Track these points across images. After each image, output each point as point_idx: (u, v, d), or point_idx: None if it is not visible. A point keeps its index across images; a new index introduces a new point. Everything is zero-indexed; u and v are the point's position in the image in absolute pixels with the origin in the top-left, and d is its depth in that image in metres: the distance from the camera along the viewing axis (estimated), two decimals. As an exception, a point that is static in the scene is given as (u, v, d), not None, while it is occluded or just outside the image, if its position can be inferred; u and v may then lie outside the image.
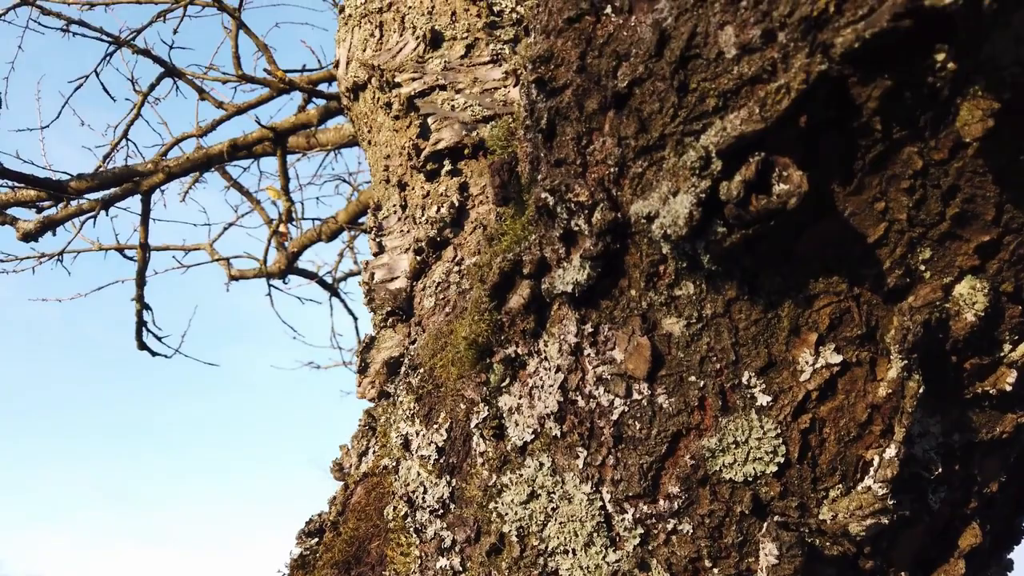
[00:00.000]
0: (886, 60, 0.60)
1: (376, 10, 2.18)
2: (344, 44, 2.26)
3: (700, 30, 0.67)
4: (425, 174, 1.89)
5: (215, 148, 3.35)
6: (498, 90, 1.98)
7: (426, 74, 1.99)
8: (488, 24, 2.02)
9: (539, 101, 0.80)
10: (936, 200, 0.66)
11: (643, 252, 0.78)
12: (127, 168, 3.84)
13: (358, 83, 2.13)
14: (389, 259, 1.88)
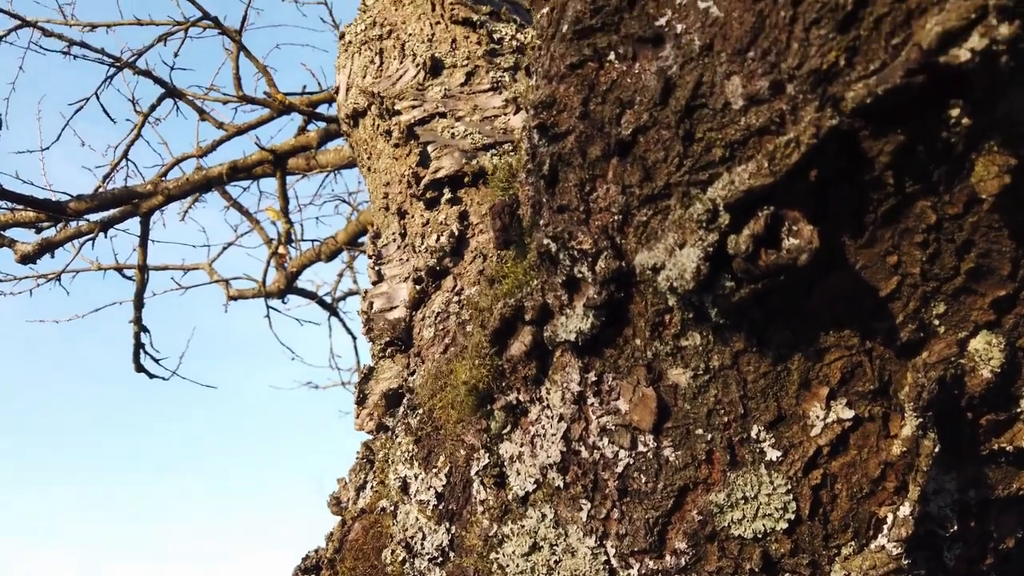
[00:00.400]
0: (899, 114, 0.58)
1: (376, 37, 2.17)
2: (344, 71, 2.25)
3: (706, 80, 0.66)
4: (425, 202, 1.87)
5: (214, 170, 3.33)
6: (498, 118, 1.97)
7: (426, 102, 1.98)
8: (488, 52, 2.02)
9: (541, 146, 0.78)
10: (950, 254, 0.64)
11: (648, 301, 0.76)
12: (126, 189, 3.83)
13: (358, 110, 2.12)
14: (388, 288, 1.86)
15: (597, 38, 0.72)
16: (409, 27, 2.12)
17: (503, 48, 2.04)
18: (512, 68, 2.02)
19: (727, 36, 0.64)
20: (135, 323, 3.35)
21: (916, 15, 0.55)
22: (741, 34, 0.63)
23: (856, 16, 0.57)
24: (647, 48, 0.69)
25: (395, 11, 2.18)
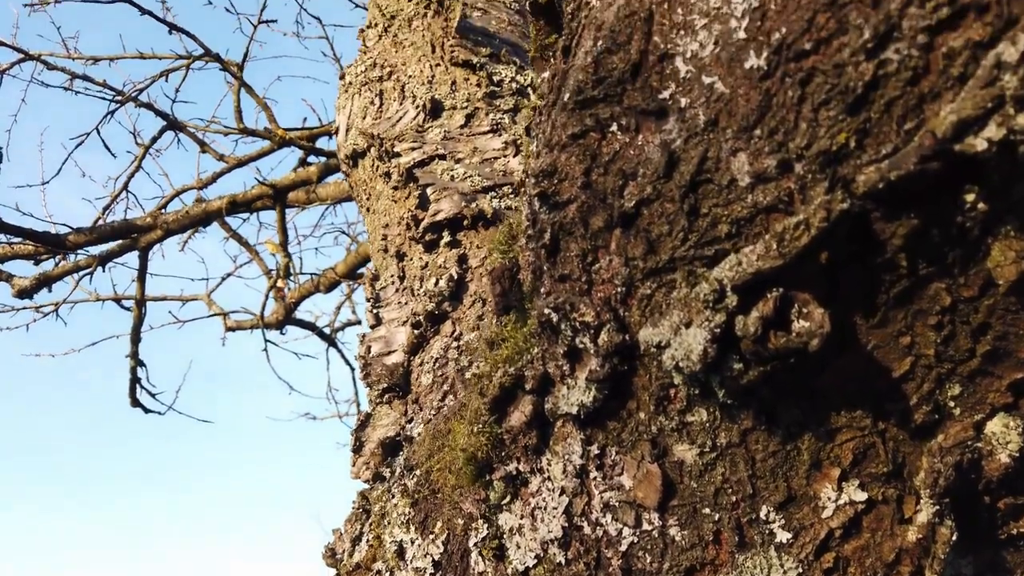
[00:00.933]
0: (912, 198, 0.56)
1: (376, 79, 2.17)
2: (344, 111, 2.24)
3: (711, 155, 0.64)
4: (424, 245, 1.86)
5: (214, 204, 3.32)
6: (498, 160, 1.96)
7: (425, 144, 1.97)
8: (488, 94, 2.01)
9: (542, 213, 0.76)
10: (966, 336, 0.62)
11: (652, 375, 0.73)
12: (126, 222, 3.82)
13: (357, 150, 2.11)
14: (386, 332, 1.83)
15: (599, 108, 0.70)
16: (409, 69, 2.12)
17: (503, 90, 2.04)
18: (512, 110, 2.01)
19: (733, 113, 0.62)
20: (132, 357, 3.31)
21: (928, 99, 0.53)
22: (747, 111, 0.61)
23: (866, 99, 0.55)
24: (650, 120, 0.68)
25: (395, 53, 2.18)
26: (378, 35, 2.26)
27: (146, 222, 3.79)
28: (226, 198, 3.29)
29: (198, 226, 3.40)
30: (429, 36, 2.18)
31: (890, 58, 0.53)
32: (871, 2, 0.53)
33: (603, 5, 0.73)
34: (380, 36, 2.25)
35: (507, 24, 2.25)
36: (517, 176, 1.89)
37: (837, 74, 0.55)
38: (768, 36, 0.59)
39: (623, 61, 0.68)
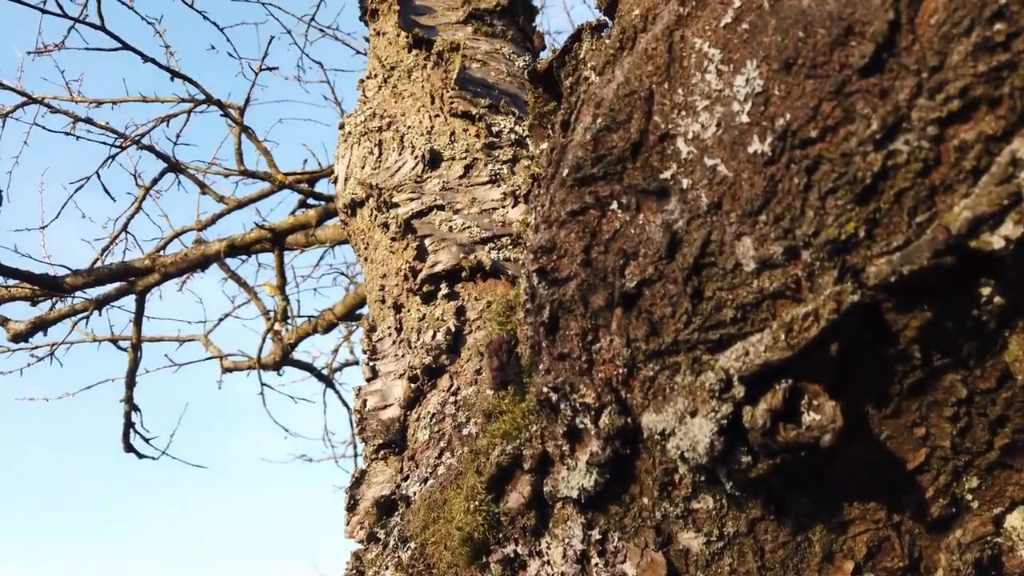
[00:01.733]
0: (925, 290, 0.54)
1: (375, 129, 2.17)
2: (343, 161, 2.24)
3: (715, 238, 0.62)
4: (421, 296, 1.83)
5: (212, 247, 3.31)
6: (496, 210, 1.95)
7: (424, 194, 1.96)
8: (487, 145, 2.01)
9: (541, 289, 0.74)
10: (983, 428, 0.59)
11: (656, 459, 0.70)
12: (124, 265, 3.80)
13: (356, 200, 2.10)
14: (383, 385, 1.80)
15: (599, 186, 0.69)
16: (408, 119, 2.12)
17: (502, 141, 2.03)
18: (511, 161, 2.01)
19: (736, 196, 0.60)
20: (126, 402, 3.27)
21: (940, 191, 0.51)
22: (752, 196, 0.59)
23: (875, 189, 0.53)
24: (651, 200, 0.66)
25: (394, 103, 2.18)
26: (378, 86, 2.26)
27: (144, 264, 3.77)
28: (225, 241, 3.27)
29: (196, 269, 3.38)
30: (428, 87, 2.18)
31: (899, 149, 0.51)
32: (878, 92, 0.52)
33: (602, 82, 0.71)
34: (380, 87, 2.26)
35: (506, 75, 2.26)
36: (516, 227, 1.88)
37: (844, 163, 0.54)
38: (772, 122, 0.57)
39: (623, 140, 0.67)
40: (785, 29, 0.56)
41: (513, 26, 2.35)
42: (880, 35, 0.51)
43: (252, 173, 4.20)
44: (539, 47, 2.40)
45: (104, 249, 4.47)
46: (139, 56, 2.82)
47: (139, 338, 3.45)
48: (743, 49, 0.60)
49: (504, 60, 2.30)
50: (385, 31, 2.34)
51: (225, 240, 3.30)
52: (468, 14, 2.25)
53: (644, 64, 0.66)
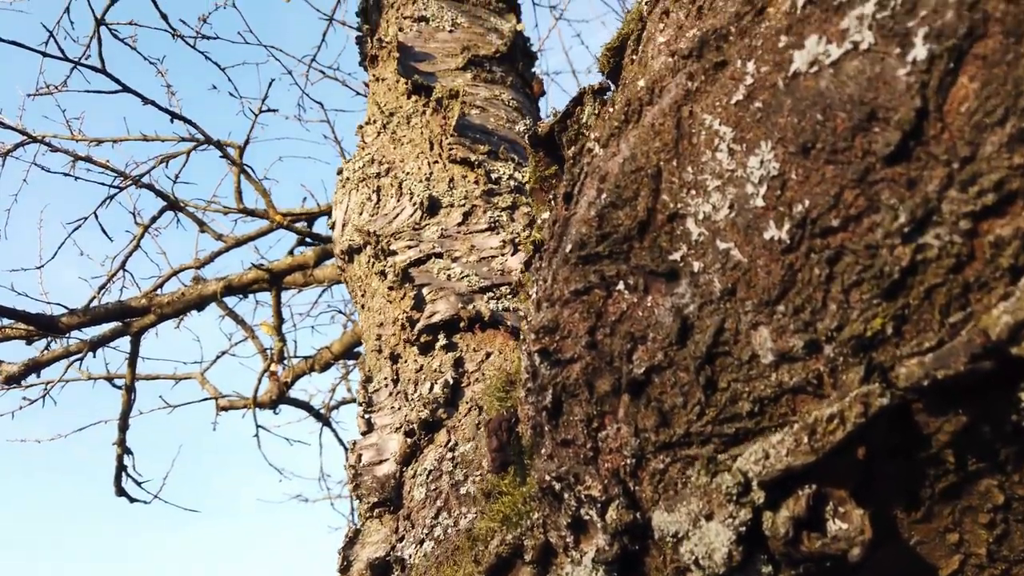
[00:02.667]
0: (960, 393, 0.50)
1: (374, 175, 2.14)
2: (341, 206, 2.21)
3: (729, 326, 0.58)
4: (419, 347, 1.79)
5: (210, 287, 3.27)
6: (495, 258, 1.91)
7: (422, 242, 1.92)
8: (486, 192, 1.98)
9: (543, 368, 0.70)
10: (1021, 536, 0.55)
11: (667, 557, 0.65)
12: (120, 304, 3.75)
13: (353, 246, 2.06)
14: (378, 439, 1.74)
15: (604, 266, 0.65)
16: (407, 165, 2.09)
17: (501, 187, 2.00)
18: (510, 208, 1.98)
19: (752, 284, 0.56)
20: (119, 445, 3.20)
21: (975, 289, 0.48)
22: (768, 284, 0.55)
23: (904, 284, 0.49)
24: (660, 282, 0.62)
25: (393, 149, 2.16)
26: (377, 131, 2.24)
27: (141, 304, 3.73)
28: (222, 282, 3.24)
29: (192, 310, 3.34)
30: (427, 133, 2.16)
31: (929, 243, 0.48)
32: (905, 182, 0.48)
33: (607, 155, 0.68)
34: (379, 132, 2.24)
35: (505, 121, 2.24)
36: (515, 275, 1.84)
37: (870, 255, 0.50)
38: (789, 207, 0.53)
39: (629, 218, 0.63)
40: (802, 111, 0.53)
41: (512, 72, 2.34)
42: (906, 123, 0.47)
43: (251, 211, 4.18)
44: (538, 93, 2.39)
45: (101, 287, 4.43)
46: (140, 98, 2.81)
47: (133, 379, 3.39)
48: (756, 129, 0.56)
49: (503, 106, 2.29)
50: (384, 77, 2.33)
51: (222, 280, 3.26)
52: (467, 60, 2.24)
53: (651, 140, 0.63)
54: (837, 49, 0.51)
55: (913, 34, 0.47)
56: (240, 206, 4.21)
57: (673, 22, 0.71)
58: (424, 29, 2.31)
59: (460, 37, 2.32)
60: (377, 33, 2.33)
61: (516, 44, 2.37)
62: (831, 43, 0.52)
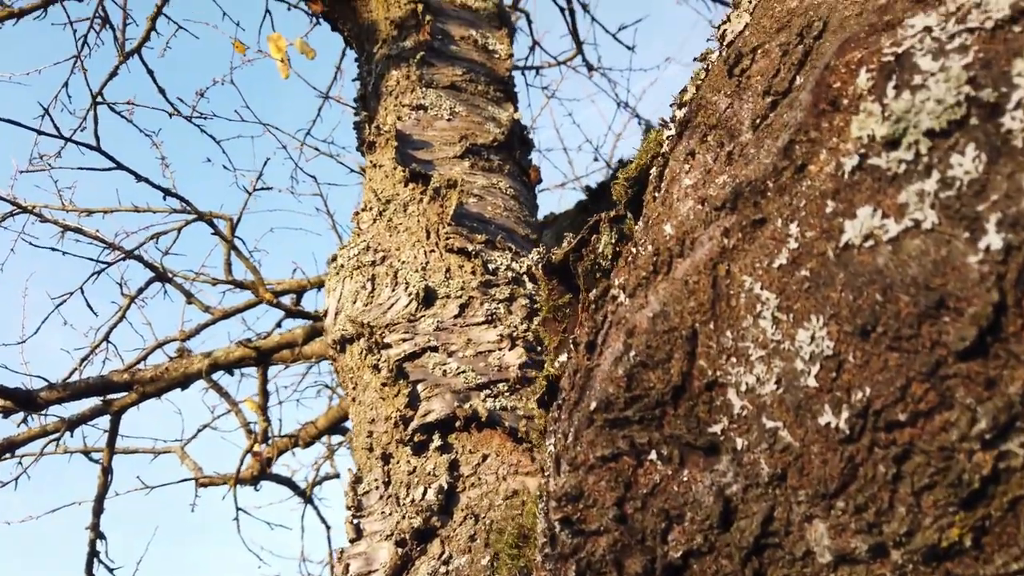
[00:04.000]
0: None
1: (369, 263, 2.09)
2: (334, 294, 2.15)
3: (779, 515, 0.52)
4: (412, 447, 1.70)
5: (194, 365, 3.18)
6: (492, 353, 1.85)
7: (417, 335, 1.86)
8: (483, 283, 1.93)
9: (564, 536, 0.63)
10: None
11: None
12: (101, 379, 3.63)
13: (346, 336, 1.99)
14: (367, 547, 1.64)
15: (634, 431, 0.59)
16: (403, 254, 2.04)
17: (498, 278, 1.96)
18: (507, 299, 1.93)
19: (805, 472, 0.50)
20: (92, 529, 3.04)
21: (1067, 505, 0.42)
22: (824, 476, 0.49)
23: (984, 493, 0.44)
24: (698, 456, 0.56)
25: (389, 237, 2.12)
26: (373, 218, 2.20)
27: (123, 379, 3.61)
28: (208, 359, 3.15)
29: (176, 388, 3.24)
30: (424, 222, 2.12)
31: (1014, 451, 0.42)
32: (983, 381, 0.43)
33: (633, 305, 0.63)
34: (375, 219, 2.20)
35: (503, 210, 2.21)
36: (512, 371, 1.78)
37: (944, 458, 0.44)
38: (848, 393, 0.48)
39: (662, 381, 0.58)
40: (858, 288, 0.49)
41: (510, 160, 2.33)
42: (983, 318, 0.42)
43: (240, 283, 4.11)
44: (535, 181, 2.38)
45: (83, 360, 4.31)
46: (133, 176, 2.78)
47: (111, 460, 3.25)
48: (804, 299, 0.52)
49: (500, 194, 2.26)
50: (382, 163, 2.31)
51: (208, 358, 3.17)
52: (465, 149, 2.23)
53: (685, 298, 0.58)
54: (896, 225, 0.47)
55: (984, 219, 0.43)
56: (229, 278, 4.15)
57: (700, 164, 0.67)
58: (423, 117, 2.30)
59: (458, 125, 2.32)
60: (376, 120, 2.32)
61: (513, 132, 2.37)
62: (888, 217, 0.48)
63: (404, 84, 2.38)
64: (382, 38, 2.45)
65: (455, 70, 2.39)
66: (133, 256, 3.99)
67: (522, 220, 2.24)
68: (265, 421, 3.34)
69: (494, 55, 2.50)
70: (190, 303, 4.19)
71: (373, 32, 2.51)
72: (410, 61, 2.35)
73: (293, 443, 4.24)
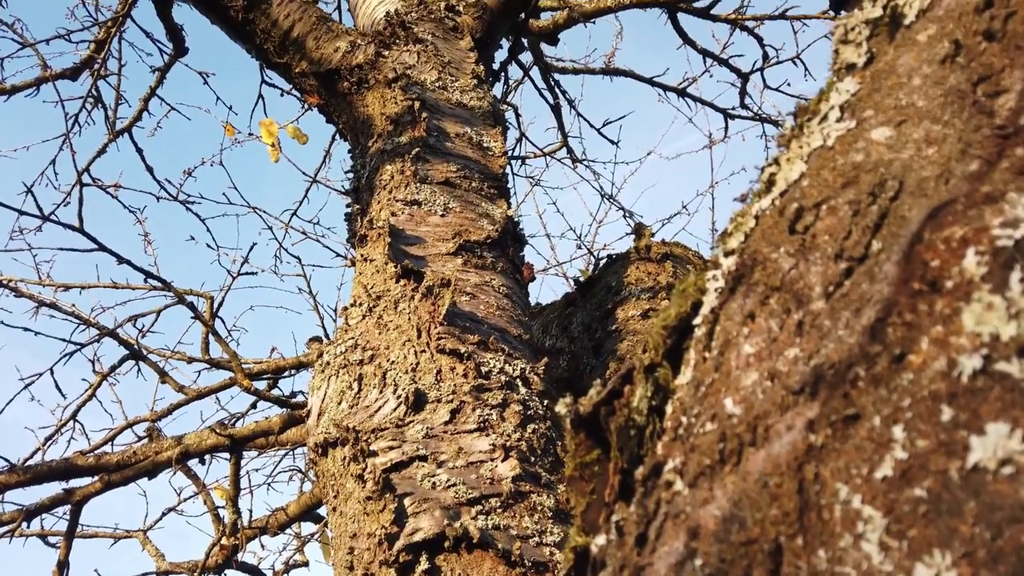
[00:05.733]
0: None
1: (357, 362, 1.97)
2: (318, 393, 2.01)
3: None
4: (396, 569, 1.54)
5: (164, 453, 2.98)
6: (484, 464, 1.71)
7: (406, 442, 1.73)
8: (475, 387, 1.81)
9: None
10: None
11: None
12: (65, 462, 3.39)
13: (329, 440, 1.84)
14: None
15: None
16: (392, 353, 1.93)
17: (491, 382, 1.84)
18: (500, 405, 1.81)
19: None
20: (40, 632, 2.76)
21: None
22: None
23: None
24: None
25: (378, 335, 2.00)
26: (362, 315, 2.09)
27: (87, 463, 3.38)
28: (178, 448, 2.96)
29: (143, 477, 3.03)
30: (415, 320, 2.01)
31: None
32: None
33: (694, 498, 0.53)
34: (364, 316, 2.09)
35: (496, 309, 2.12)
36: (505, 485, 1.65)
37: None
38: (993, 660, 0.38)
39: (739, 604, 0.47)
40: (996, 524, 0.39)
41: (503, 257, 2.25)
42: None
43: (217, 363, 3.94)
44: (528, 279, 2.30)
45: (47, 439, 4.07)
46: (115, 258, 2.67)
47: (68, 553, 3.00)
48: (922, 527, 0.42)
49: (493, 292, 2.18)
50: (373, 258, 2.22)
51: (179, 445, 2.98)
52: (459, 246, 2.15)
53: (765, 503, 0.48)
54: (1042, 451, 0.38)
55: None
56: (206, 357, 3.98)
57: (762, 330, 0.58)
58: (416, 212, 2.24)
59: (452, 221, 2.25)
60: (368, 213, 2.25)
61: (507, 229, 2.31)
62: (1030, 439, 0.39)
63: (398, 179, 2.33)
64: (377, 132, 2.40)
65: (450, 166, 2.35)
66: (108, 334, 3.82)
67: (515, 320, 2.14)
68: (235, 514, 3.12)
69: (488, 152, 2.46)
70: (164, 382, 3.99)
71: (368, 126, 2.47)
72: (405, 156, 2.29)
73: (262, 531, 3.98)
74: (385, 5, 3.00)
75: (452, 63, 2.72)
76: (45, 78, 3.69)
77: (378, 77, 2.53)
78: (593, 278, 2.70)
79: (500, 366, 1.96)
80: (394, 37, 2.64)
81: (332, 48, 2.57)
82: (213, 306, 3.48)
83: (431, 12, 2.80)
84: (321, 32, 2.60)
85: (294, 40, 2.59)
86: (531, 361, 2.06)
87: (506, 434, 1.81)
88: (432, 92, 2.54)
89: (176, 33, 4.08)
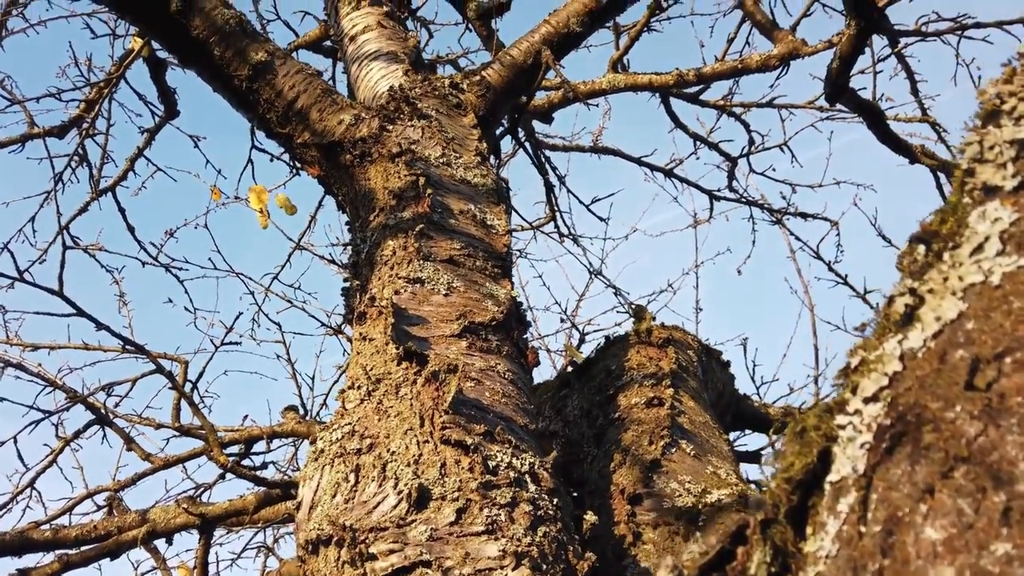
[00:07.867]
0: None
1: (354, 451, 1.79)
2: (310, 484, 1.82)
3: None
4: None
5: (129, 532, 2.72)
6: (494, 572, 1.54)
7: (408, 544, 1.54)
8: (483, 484, 1.65)
9: None
10: None
11: None
12: (20, 536, 3.08)
13: (322, 538, 1.65)
14: None
15: None
16: (393, 443, 1.76)
17: (499, 479, 1.68)
18: (509, 504, 1.64)
19: None
20: None
21: None
22: None
23: None
24: None
25: (378, 421, 1.83)
26: (360, 399, 1.92)
27: (44, 537, 3.07)
28: (144, 527, 2.70)
29: (105, 557, 2.75)
30: (418, 407, 1.85)
31: None
32: None
33: None
34: (362, 400, 1.92)
35: (501, 396, 1.97)
36: (517, 599, 1.48)
37: None
38: None
39: None
40: None
41: (508, 340, 2.12)
42: None
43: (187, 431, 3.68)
44: (533, 363, 2.17)
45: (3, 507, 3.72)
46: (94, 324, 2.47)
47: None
48: None
49: (499, 378, 2.03)
50: (372, 337, 2.07)
51: (145, 523, 2.72)
52: (463, 328, 2.02)
53: None
54: None
55: None
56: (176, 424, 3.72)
57: (949, 511, 0.47)
58: (419, 291, 2.10)
59: (456, 301, 2.12)
60: (368, 290, 2.11)
61: (511, 311, 2.19)
62: None
63: (401, 255, 2.20)
64: (379, 206, 2.30)
65: (453, 244, 2.23)
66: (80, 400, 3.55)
67: (520, 408, 2.00)
68: (201, 600, 2.84)
69: (492, 230, 2.36)
70: (130, 449, 3.71)
71: (370, 199, 2.36)
72: (408, 232, 2.18)
73: (226, 613, 3.65)
74: (388, 80, 2.94)
75: (456, 139, 2.65)
76: (32, 135, 3.53)
77: (382, 151, 2.44)
78: (591, 360, 2.58)
79: (508, 460, 1.80)
80: (398, 112, 2.57)
81: (336, 120, 2.48)
82: (187, 371, 3.27)
83: (435, 88, 2.74)
84: (325, 104, 2.51)
85: (298, 111, 2.49)
86: (538, 454, 1.90)
87: (516, 538, 1.64)
88: (436, 168, 2.45)
89: (168, 96, 3.98)
